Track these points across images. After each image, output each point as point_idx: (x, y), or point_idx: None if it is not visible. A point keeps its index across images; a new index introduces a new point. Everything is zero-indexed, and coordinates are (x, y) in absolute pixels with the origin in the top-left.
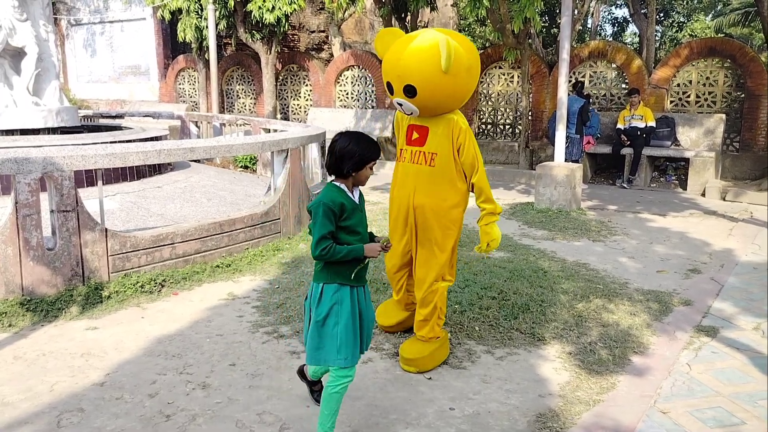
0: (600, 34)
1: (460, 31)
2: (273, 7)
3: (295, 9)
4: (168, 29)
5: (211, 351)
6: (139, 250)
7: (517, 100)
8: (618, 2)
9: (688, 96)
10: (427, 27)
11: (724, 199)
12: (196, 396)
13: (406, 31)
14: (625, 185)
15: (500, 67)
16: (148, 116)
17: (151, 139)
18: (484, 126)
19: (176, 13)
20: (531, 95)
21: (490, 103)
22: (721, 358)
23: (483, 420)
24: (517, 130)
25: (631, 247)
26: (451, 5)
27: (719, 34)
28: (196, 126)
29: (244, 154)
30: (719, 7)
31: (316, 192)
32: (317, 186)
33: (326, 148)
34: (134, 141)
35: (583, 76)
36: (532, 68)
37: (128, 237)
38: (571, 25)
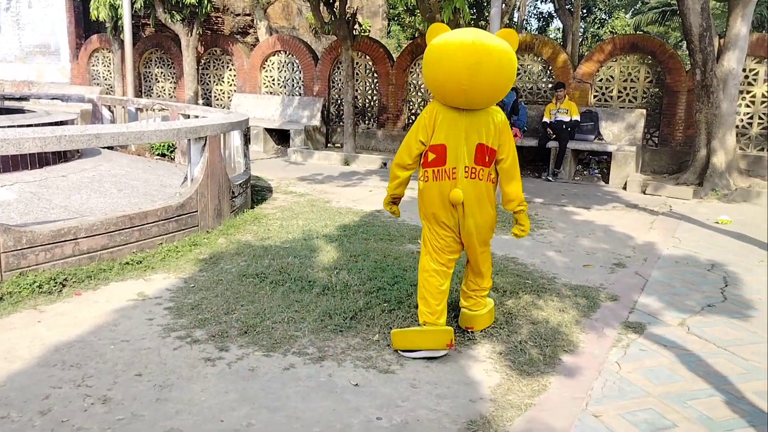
0: (526, 29)
1: (389, 20)
2: None
3: None
4: (80, 6)
5: (115, 359)
6: (36, 246)
7: None
8: None
9: (611, 91)
10: (356, 14)
11: (644, 193)
12: (95, 412)
13: (334, 18)
14: (550, 178)
15: None
16: (56, 99)
17: (56, 123)
18: (413, 117)
19: None
20: None
21: (419, 94)
22: (650, 356)
23: (412, 429)
24: None
25: (557, 241)
26: None
27: (638, 32)
28: (110, 110)
29: (158, 141)
30: (638, 6)
31: (238, 182)
32: (240, 176)
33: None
34: (35, 125)
35: None
36: None
37: (24, 232)
38: (500, 17)
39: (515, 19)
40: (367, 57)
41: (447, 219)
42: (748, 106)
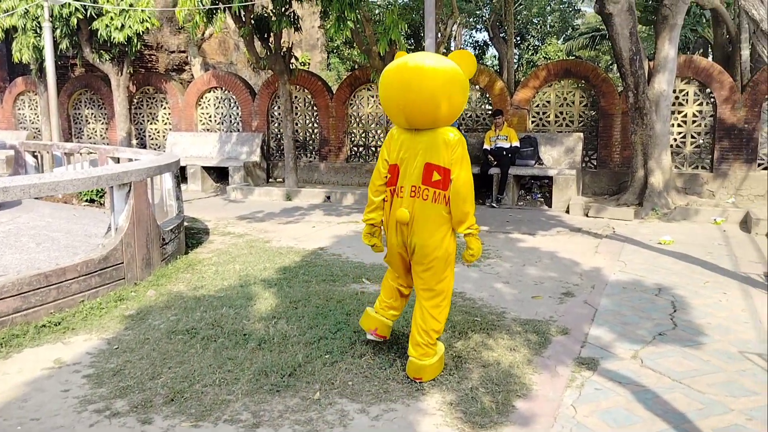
0: None
1: (328, 53)
2: (122, 26)
3: (147, 28)
4: (3, 49)
5: None
6: None
7: (387, 121)
8: (478, 26)
9: (548, 116)
10: (292, 48)
11: (587, 215)
12: None
13: (269, 53)
14: (494, 205)
15: (369, 89)
16: None
17: None
18: (356, 149)
19: (11, 32)
20: None
21: (360, 125)
22: (605, 395)
23: None
24: None
25: (505, 271)
26: (319, 27)
27: (570, 57)
28: (33, 156)
29: (75, 191)
30: (569, 32)
31: (169, 228)
32: (172, 220)
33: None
34: None
35: None
36: None
37: None
38: (435, 48)
39: (452, 49)
40: (306, 90)
41: (394, 236)
42: (680, 125)
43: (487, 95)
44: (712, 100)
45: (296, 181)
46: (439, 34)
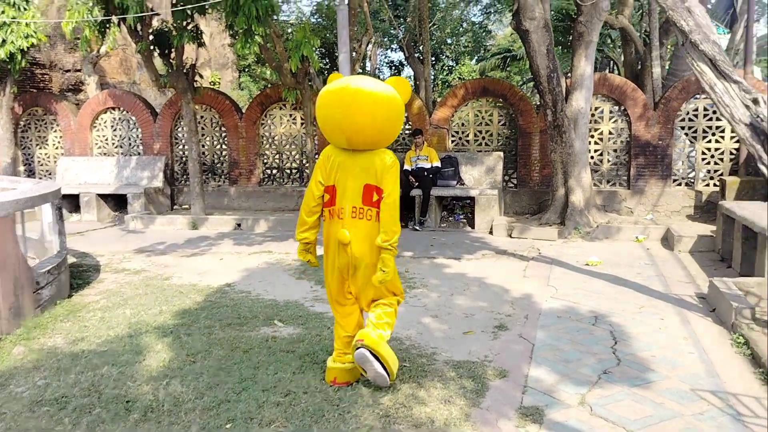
0: (379, 77)
1: (240, 71)
2: (3, 41)
3: (33, 44)
4: None
5: None
6: None
7: (303, 142)
8: (392, 46)
9: (468, 135)
10: (195, 65)
11: (511, 236)
12: None
13: (171, 70)
14: (417, 228)
15: (282, 108)
16: None
17: None
18: (269, 171)
19: None
20: (316, 137)
21: (273, 146)
22: None
23: None
24: (305, 174)
25: (432, 303)
26: (229, 45)
27: (483, 77)
28: None
29: None
30: (482, 53)
31: (46, 269)
32: (51, 259)
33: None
34: None
35: None
36: (314, 108)
37: None
38: (351, 64)
39: (368, 68)
40: (213, 110)
41: (336, 258)
42: (597, 143)
43: (406, 115)
44: (627, 117)
45: (203, 207)
46: (354, 52)
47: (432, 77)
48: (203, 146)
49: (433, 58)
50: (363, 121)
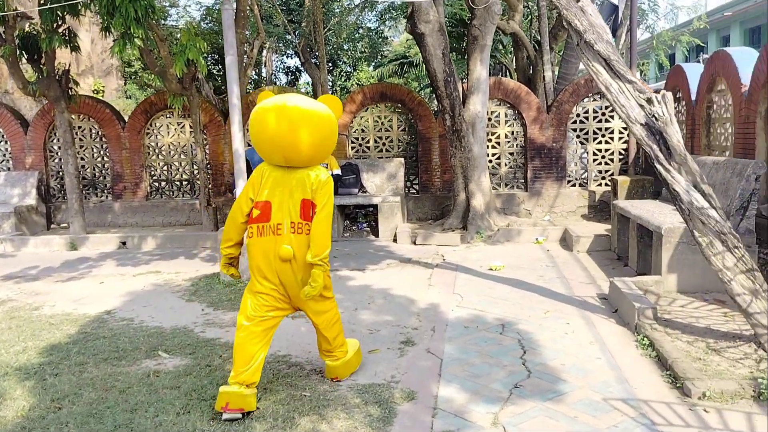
0: (275, 83)
1: (125, 79)
2: None
3: None
4: None
5: None
6: None
7: (192, 152)
8: (288, 52)
9: (368, 141)
10: (69, 71)
11: (415, 243)
12: None
13: (41, 76)
14: None
15: (169, 116)
16: None
17: None
18: (157, 184)
19: None
20: (207, 147)
21: (161, 157)
22: None
23: None
24: (197, 186)
25: None
26: (109, 49)
27: (381, 82)
28: None
29: None
30: (379, 59)
31: None
32: None
33: None
34: None
35: None
36: (205, 117)
37: None
38: (240, 67)
39: (263, 74)
40: (92, 119)
41: (270, 274)
42: (494, 146)
43: None
44: (522, 120)
45: (84, 225)
46: (246, 57)
47: (330, 83)
48: (83, 159)
49: (330, 64)
50: (300, 139)
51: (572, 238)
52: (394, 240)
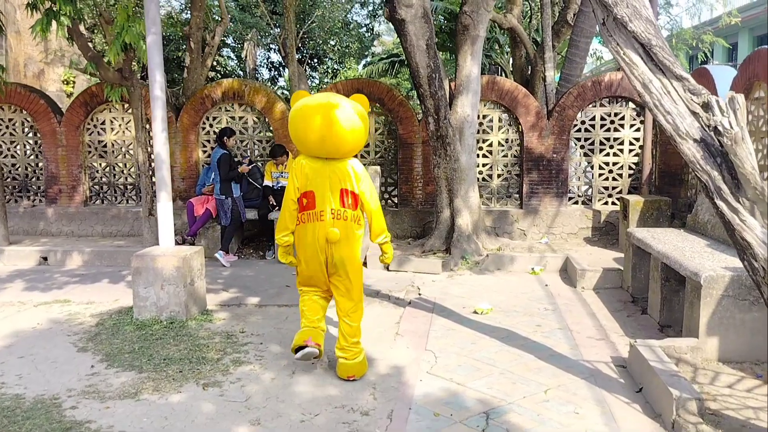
0: (257, 78)
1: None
2: None
3: None
4: None
5: None
6: None
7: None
8: (274, 47)
9: None
10: None
11: (388, 269)
12: None
13: None
14: (274, 258)
15: (113, 110)
16: None
17: None
18: (97, 188)
19: None
20: (150, 146)
21: (103, 156)
22: None
23: None
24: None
25: (260, 394)
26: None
27: (357, 78)
28: None
29: None
30: (369, 58)
31: None
32: None
33: None
34: None
35: (219, 122)
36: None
37: None
38: (197, 56)
39: (246, 69)
40: (24, 111)
41: (316, 256)
42: (485, 156)
43: (266, 119)
44: (519, 126)
45: (6, 234)
46: (206, 45)
47: (317, 81)
48: (13, 156)
49: (316, 61)
50: (343, 133)
51: (576, 271)
52: (364, 264)
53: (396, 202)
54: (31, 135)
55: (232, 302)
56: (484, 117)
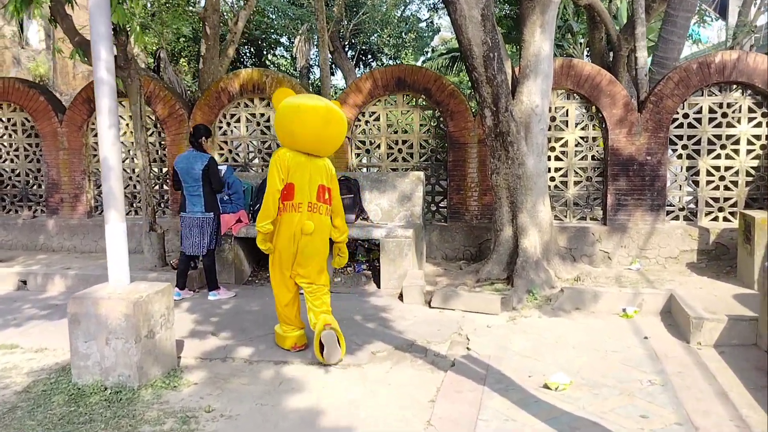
0: (309, 78)
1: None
2: None
3: None
4: None
5: None
6: None
7: (134, 154)
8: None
9: (378, 146)
10: None
11: (430, 305)
12: None
13: None
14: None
15: (122, 106)
16: None
17: None
18: (102, 197)
19: None
20: (165, 149)
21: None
22: None
23: None
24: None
25: None
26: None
27: (398, 64)
28: None
29: None
30: (429, 54)
31: None
32: None
33: None
34: None
35: (237, 120)
36: (163, 108)
37: None
38: (214, 43)
39: (297, 67)
40: (23, 110)
41: (290, 244)
42: (559, 159)
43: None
44: (602, 122)
45: None
46: (228, 32)
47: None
48: (12, 161)
49: (369, 57)
50: (337, 134)
51: (689, 320)
52: (400, 297)
53: (444, 215)
54: (30, 137)
55: (217, 353)
56: (557, 109)
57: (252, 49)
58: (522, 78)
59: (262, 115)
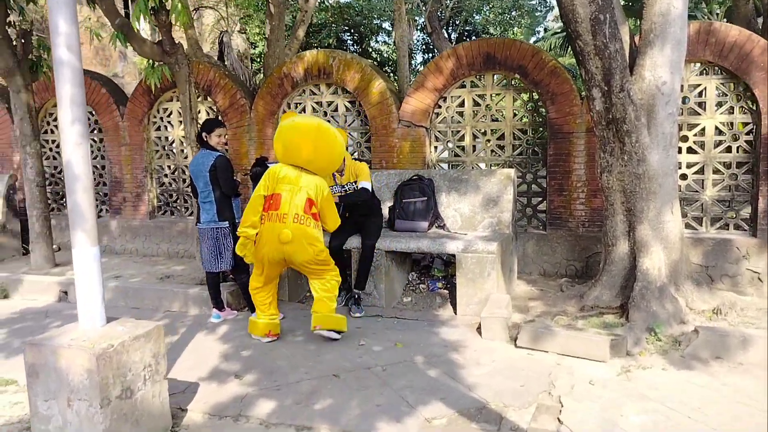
0: (411, 65)
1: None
2: None
3: None
4: None
5: None
6: None
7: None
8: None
9: (463, 138)
10: (31, 31)
11: (515, 344)
12: None
13: None
14: (354, 313)
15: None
16: None
17: None
18: (165, 196)
19: None
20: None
21: (171, 156)
22: None
23: None
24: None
25: None
26: None
27: (486, 38)
28: None
29: None
30: (542, 34)
31: None
32: None
33: None
34: None
35: (303, 110)
36: (224, 99)
37: None
38: (279, 22)
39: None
40: (87, 104)
41: (273, 252)
42: (691, 151)
43: (360, 103)
44: (753, 104)
45: (50, 255)
46: (299, 11)
47: None
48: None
49: (474, 38)
50: (326, 147)
51: None
52: (479, 329)
53: (543, 221)
54: (93, 132)
55: (231, 408)
56: (691, 88)
57: (354, 36)
58: (644, 47)
59: (330, 103)
